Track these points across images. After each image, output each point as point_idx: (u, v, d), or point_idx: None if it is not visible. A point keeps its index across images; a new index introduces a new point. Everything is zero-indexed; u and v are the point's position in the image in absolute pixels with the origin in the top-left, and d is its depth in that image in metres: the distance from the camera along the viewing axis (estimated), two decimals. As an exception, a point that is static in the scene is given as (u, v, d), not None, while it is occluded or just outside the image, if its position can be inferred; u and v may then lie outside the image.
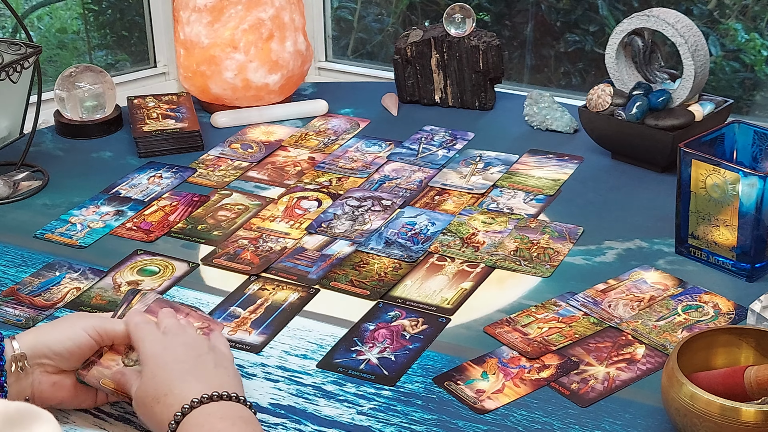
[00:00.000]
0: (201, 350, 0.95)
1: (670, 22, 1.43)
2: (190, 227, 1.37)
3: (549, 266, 1.25)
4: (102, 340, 0.98)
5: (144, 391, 0.92)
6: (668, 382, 0.92)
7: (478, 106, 1.75)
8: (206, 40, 1.70)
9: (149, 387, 0.92)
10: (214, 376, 0.93)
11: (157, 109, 1.68)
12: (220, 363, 0.95)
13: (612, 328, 1.13)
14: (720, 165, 1.19)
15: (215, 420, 0.88)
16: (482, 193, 1.44)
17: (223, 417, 0.88)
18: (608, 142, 1.53)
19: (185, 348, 0.95)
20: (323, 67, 2.27)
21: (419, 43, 1.73)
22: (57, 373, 0.97)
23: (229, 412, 0.89)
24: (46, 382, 0.97)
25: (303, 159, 1.57)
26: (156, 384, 0.92)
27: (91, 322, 0.98)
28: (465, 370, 1.06)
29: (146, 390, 0.92)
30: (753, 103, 2.06)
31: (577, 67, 2.20)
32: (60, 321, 0.99)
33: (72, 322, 0.98)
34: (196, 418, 0.88)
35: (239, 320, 1.16)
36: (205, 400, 0.89)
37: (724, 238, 1.22)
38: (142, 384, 0.93)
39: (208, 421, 0.87)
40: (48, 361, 0.96)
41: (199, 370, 0.93)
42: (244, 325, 1.15)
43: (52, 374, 0.97)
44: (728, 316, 1.14)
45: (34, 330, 0.99)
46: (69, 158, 1.60)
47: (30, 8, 2.22)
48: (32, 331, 0.99)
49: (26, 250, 1.32)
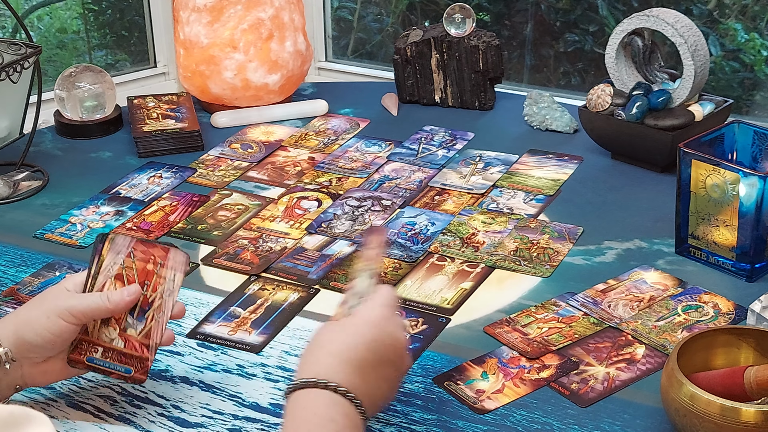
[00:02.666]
0: (392, 358, 0.92)
1: (669, 22, 1.43)
2: (190, 227, 1.37)
3: (549, 266, 1.25)
4: (81, 320, 0.95)
5: (333, 333, 0.90)
6: (668, 382, 0.92)
7: (477, 106, 1.75)
8: (206, 39, 1.70)
9: (340, 336, 0.89)
10: (375, 387, 0.90)
11: (157, 109, 1.68)
12: (390, 378, 0.92)
13: (612, 328, 1.13)
14: (720, 165, 1.19)
15: (316, 412, 0.85)
16: (482, 193, 1.44)
17: (323, 415, 0.85)
18: (608, 142, 1.53)
19: (375, 336, 0.91)
20: (323, 67, 2.27)
21: (419, 43, 1.73)
22: (44, 362, 0.96)
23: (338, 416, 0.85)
24: (35, 372, 0.96)
25: (303, 159, 1.57)
26: (342, 342, 0.89)
27: (65, 306, 0.94)
28: (465, 370, 1.06)
29: (334, 335, 0.90)
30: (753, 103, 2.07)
31: (577, 67, 2.20)
32: (34, 308, 0.96)
33: (46, 309, 0.95)
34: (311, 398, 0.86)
35: (239, 320, 1.16)
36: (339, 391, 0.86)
37: (724, 238, 1.22)
38: (340, 327, 0.90)
39: (312, 407, 0.85)
40: (33, 354, 0.95)
41: (367, 366, 0.90)
42: (244, 325, 1.15)
43: (40, 363, 0.96)
44: (728, 316, 1.14)
45: (11, 321, 0.95)
46: (69, 158, 1.60)
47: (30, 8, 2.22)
48: (10, 323, 0.95)
49: (26, 250, 1.32)
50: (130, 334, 0.99)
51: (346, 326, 0.91)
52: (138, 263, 1.01)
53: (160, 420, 1.00)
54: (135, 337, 0.99)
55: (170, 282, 1.02)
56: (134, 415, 1.00)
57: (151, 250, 1.02)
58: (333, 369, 0.87)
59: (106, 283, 1.00)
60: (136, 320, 1.00)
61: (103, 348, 0.98)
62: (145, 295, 1.01)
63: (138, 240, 1.02)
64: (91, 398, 1.03)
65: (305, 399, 0.86)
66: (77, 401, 1.02)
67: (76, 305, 0.95)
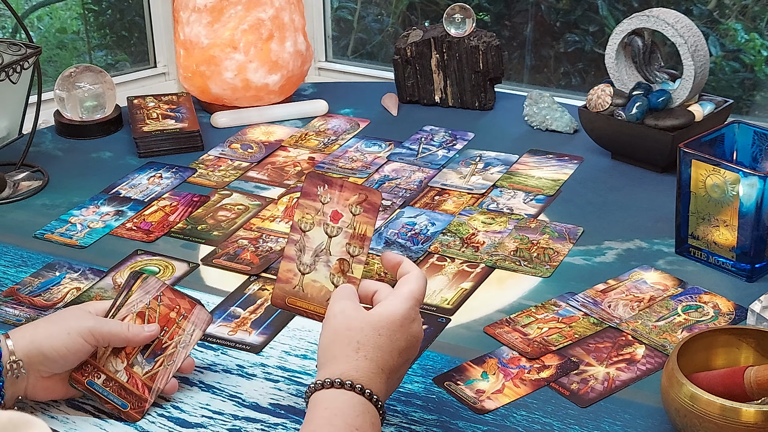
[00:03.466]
0: (411, 355, 0.92)
1: (670, 22, 1.43)
2: (190, 227, 1.37)
3: (549, 266, 1.25)
4: (98, 343, 0.97)
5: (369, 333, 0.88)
6: (668, 382, 0.92)
7: (478, 106, 1.75)
8: (206, 40, 1.70)
9: (377, 340, 0.88)
10: (393, 388, 0.90)
11: (157, 110, 1.68)
12: (403, 374, 0.92)
13: (612, 328, 1.13)
14: (720, 165, 1.19)
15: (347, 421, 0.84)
16: (482, 194, 1.44)
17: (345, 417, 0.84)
18: (608, 142, 1.53)
19: (407, 343, 0.90)
20: (323, 67, 2.27)
21: (419, 43, 1.73)
22: (51, 377, 0.97)
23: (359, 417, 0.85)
24: (39, 386, 0.97)
25: (303, 159, 1.57)
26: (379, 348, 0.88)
27: (87, 326, 0.96)
28: (465, 371, 1.06)
29: (370, 336, 0.88)
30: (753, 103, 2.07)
31: (577, 67, 2.20)
32: (55, 323, 0.97)
33: (67, 325, 0.96)
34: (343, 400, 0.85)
35: (239, 320, 1.16)
36: (348, 388, 0.86)
37: (724, 238, 1.22)
38: (375, 328, 0.88)
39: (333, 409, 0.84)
40: (43, 367, 0.96)
41: (394, 372, 0.90)
42: (244, 325, 1.15)
43: (46, 378, 0.97)
44: (728, 316, 1.14)
45: (29, 332, 0.96)
46: (69, 158, 1.60)
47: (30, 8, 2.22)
48: (27, 333, 0.96)
49: (26, 250, 1.32)
50: (136, 372, 1.00)
51: (383, 328, 0.89)
52: (162, 308, 1.03)
53: (159, 420, 1.00)
54: (140, 375, 1.00)
55: (188, 336, 1.04)
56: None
57: (178, 300, 1.05)
58: (369, 374, 0.87)
59: (128, 316, 1.01)
60: (146, 360, 1.01)
61: (106, 376, 0.99)
62: (161, 340, 1.02)
63: (169, 287, 1.05)
64: (91, 398, 1.03)
65: (336, 400, 0.85)
66: (77, 401, 1.02)
67: (99, 327, 0.97)
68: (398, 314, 0.90)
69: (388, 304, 0.91)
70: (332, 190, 0.97)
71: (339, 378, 0.86)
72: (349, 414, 0.84)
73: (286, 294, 0.97)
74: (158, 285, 1.04)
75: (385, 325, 0.89)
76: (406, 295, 0.91)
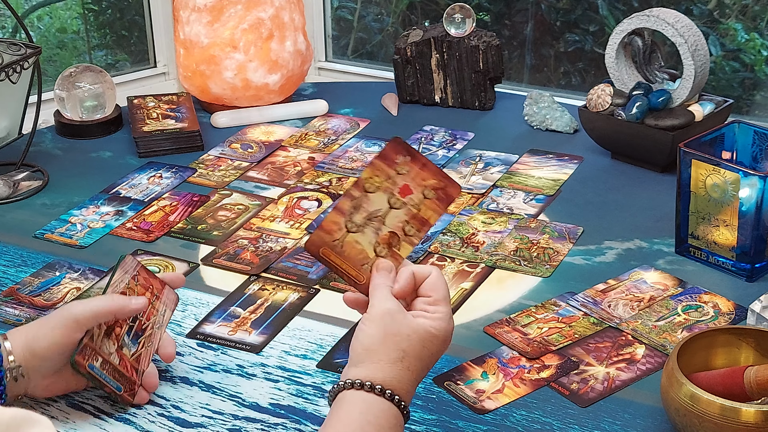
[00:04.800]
0: (437, 354, 0.91)
1: (670, 22, 1.43)
2: (190, 227, 1.37)
3: (549, 266, 1.25)
4: (86, 324, 0.96)
5: (417, 346, 0.88)
6: (668, 382, 0.92)
7: (478, 106, 1.75)
8: (206, 39, 1.70)
9: (422, 352, 0.88)
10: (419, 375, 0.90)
11: (157, 109, 1.68)
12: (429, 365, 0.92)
13: (612, 328, 1.13)
14: (720, 165, 1.19)
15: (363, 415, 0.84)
16: (482, 193, 1.44)
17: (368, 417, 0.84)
18: (608, 142, 1.53)
19: (441, 354, 0.91)
20: (323, 67, 2.27)
21: (419, 43, 1.73)
22: (52, 375, 0.97)
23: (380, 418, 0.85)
24: (40, 385, 0.97)
25: (303, 159, 1.57)
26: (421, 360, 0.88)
27: (70, 314, 0.95)
28: (465, 370, 1.06)
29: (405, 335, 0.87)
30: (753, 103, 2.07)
31: (577, 67, 2.20)
32: (43, 324, 0.97)
33: (53, 323, 0.96)
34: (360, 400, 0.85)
35: (239, 320, 1.16)
36: (387, 397, 0.85)
37: (724, 238, 1.22)
38: (423, 342, 0.88)
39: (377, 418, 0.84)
40: (42, 367, 0.96)
41: (418, 373, 0.89)
42: (244, 325, 1.15)
43: (48, 377, 0.97)
44: (728, 316, 1.14)
45: (22, 335, 0.96)
46: (69, 158, 1.60)
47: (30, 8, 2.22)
48: (21, 336, 0.96)
49: (26, 250, 1.32)
50: (125, 354, 1.00)
51: (429, 342, 0.89)
52: (139, 288, 1.03)
53: (160, 420, 1.00)
54: (128, 357, 1.00)
55: (161, 316, 1.05)
56: (134, 415, 1.01)
57: (151, 280, 1.05)
58: (407, 386, 0.87)
59: None
60: (131, 342, 1.01)
61: (102, 359, 0.98)
62: (140, 321, 1.02)
63: (143, 267, 1.05)
64: (91, 398, 1.03)
65: (374, 407, 0.85)
66: (77, 401, 1.02)
67: (81, 310, 0.96)
68: (446, 332, 0.90)
69: (439, 317, 0.90)
70: (413, 164, 0.94)
71: (380, 385, 0.86)
72: (384, 426, 0.84)
73: (323, 244, 0.92)
74: (134, 264, 1.04)
75: (431, 339, 0.89)
76: (450, 313, 0.91)
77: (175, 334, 1.13)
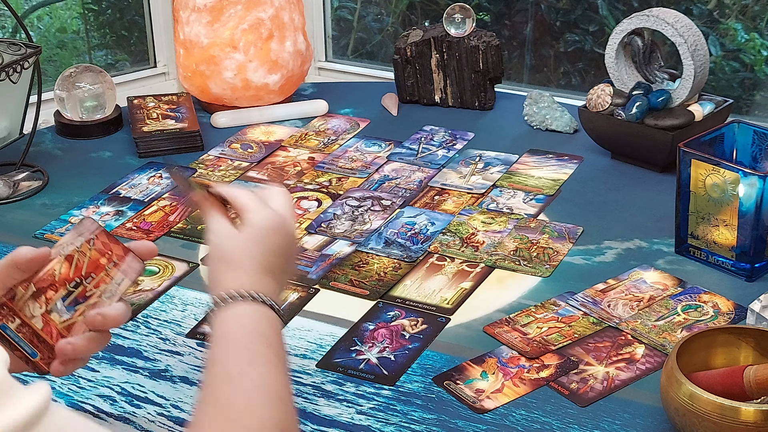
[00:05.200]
0: (294, 251, 0.93)
1: (669, 21, 1.43)
2: (190, 227, 1.37)
3: (548, 266, 1.25)
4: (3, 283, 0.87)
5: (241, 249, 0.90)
6: (667, 381, 0.92)
7: (477, 106, 1.75)
8: (206, 39, 1.70)
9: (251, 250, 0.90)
10: (284, 284, 0.91)
11: (157, 110, 1.68)
12: (292, 270, 0.94)
13: (611, 327, 1.13)
14: (720, 165, 1.19)
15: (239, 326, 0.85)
16: (482, 193, 1.44)
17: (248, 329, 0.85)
18: (608, 142, 1.53)
19: (291, 248, 0.92)
20: (323, 67, 2.28)
21: (419, 43, 1.73)
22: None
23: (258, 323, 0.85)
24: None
25: (303, 159, 1.58)
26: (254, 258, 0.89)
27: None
28: (464, 370, 1.06)
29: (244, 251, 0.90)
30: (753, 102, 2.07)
31: (577, 67, 2.20)
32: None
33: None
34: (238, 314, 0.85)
35: (239, 320, 1.16)
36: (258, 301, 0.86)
37: (724, 238, 1.22)
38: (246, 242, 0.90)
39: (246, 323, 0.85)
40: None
41: (280, 270, 0.90)
42: (244, 324, 1.15)
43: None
44: (728, 315, 1.14)
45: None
46: (69, 158, 1.60)
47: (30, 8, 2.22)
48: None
49: (26, 250, 1.32)
50: (53, 319, 0.89)
51: (250, 238, 0.91)
52: (93, 253, 0.93)
53: (159, 420, 1.00)
54: (56, 324, 0.89)
55: (115, 285, 0.94)
56: (134, 414, 1.01)
57: (111, 246, 0.95)
58: (257, 284, 0.87)
59: (55, 259, 0.90)
60: (66, 308, 0.90)
61: (21, 321, 0.87)
62: (85, 288, 0.91)
63: (104, 231, 0.95)
64: (91, 398, 1.03)
65: (236, 316, 0.85)
66: (77, 401, 1.02)
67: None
68: (265, 222, 0.92)
69: (250, 217, 0.94)
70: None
71: (231, 293, 0.86)
72: (253, 321, 0.85)
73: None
74: (93, 227, 0.94)
75: (254, 234, 0.92)
76: (270, 205, 0.95)
77: (175, 334, 1.13)
